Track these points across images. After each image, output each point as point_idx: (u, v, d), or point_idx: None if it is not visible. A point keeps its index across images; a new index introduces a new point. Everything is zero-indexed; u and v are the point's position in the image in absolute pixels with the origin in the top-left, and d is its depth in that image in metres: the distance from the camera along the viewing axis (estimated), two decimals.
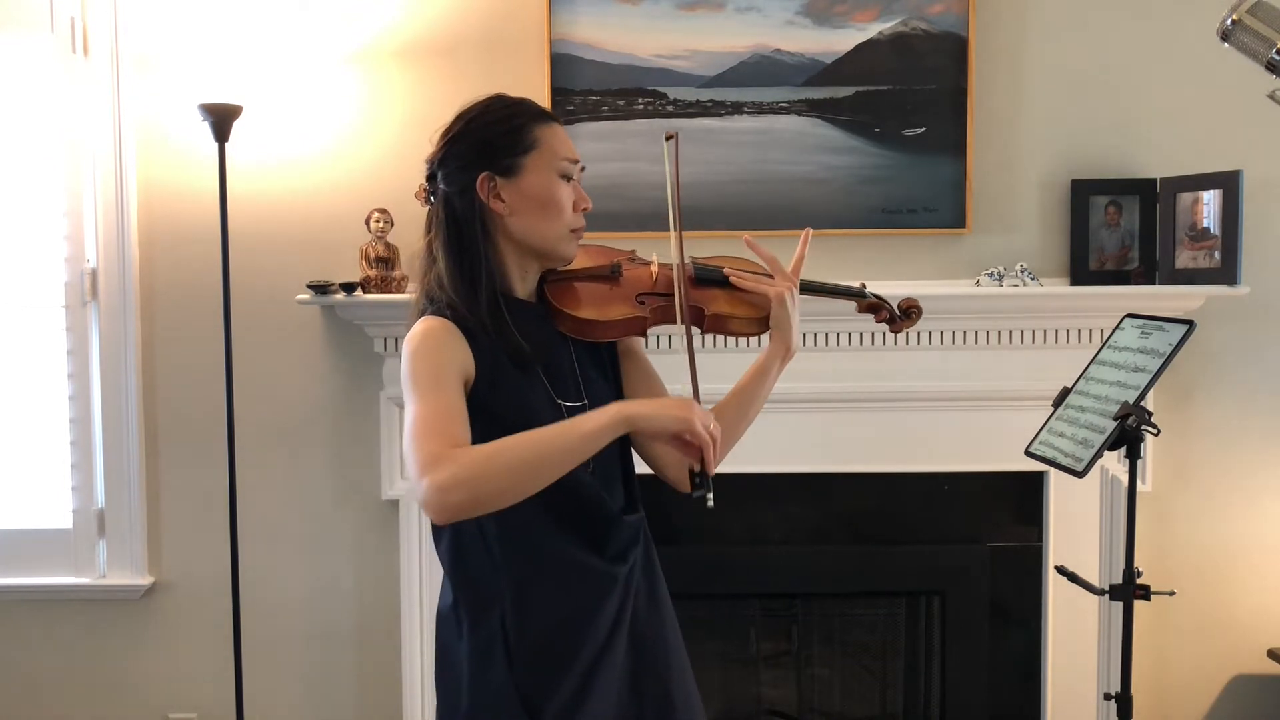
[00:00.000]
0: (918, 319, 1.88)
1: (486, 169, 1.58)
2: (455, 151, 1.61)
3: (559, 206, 1.60)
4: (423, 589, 2.98)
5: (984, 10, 2.92)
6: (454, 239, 1.59)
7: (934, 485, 3.02)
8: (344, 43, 2.96)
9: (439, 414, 1.45)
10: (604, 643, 1.58)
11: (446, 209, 1.60)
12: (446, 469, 1.37)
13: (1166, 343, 2.10)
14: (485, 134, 1.60)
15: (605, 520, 1.61)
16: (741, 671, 3.22)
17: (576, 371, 1.65)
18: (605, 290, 1.68)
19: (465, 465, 1.38)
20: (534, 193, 1.59)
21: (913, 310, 1.88)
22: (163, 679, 3.10)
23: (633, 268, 1.73)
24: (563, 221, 1.61)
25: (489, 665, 1.55)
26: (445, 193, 1.61)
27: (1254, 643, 3.06)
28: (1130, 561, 2.18)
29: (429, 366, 1.50)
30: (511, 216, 1.59)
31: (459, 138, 1.61)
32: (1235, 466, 3.03)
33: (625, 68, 2.93)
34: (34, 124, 3.00)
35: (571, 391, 1.63)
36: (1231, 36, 1.63)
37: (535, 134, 1.60)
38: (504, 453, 1.41)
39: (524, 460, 1.41)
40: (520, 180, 1.59)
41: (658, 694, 1.64)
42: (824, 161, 2.96)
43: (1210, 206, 2.84)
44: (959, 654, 3.08)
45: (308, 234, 3.00)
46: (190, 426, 3.05)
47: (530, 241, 1.61)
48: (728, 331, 1.74)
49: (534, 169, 1.59)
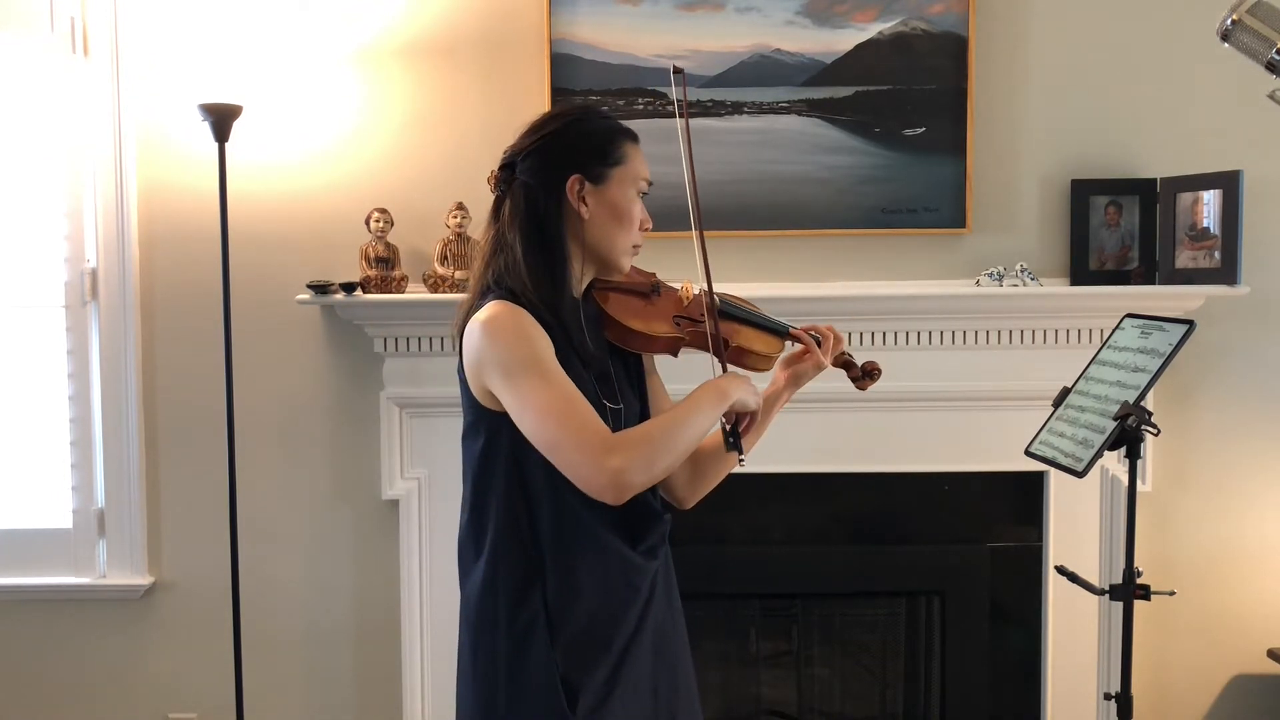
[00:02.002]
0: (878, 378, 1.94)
1: (578, 171, 1.65)
2: (549, 147, 1.66)
3: (632, 220, 1.69)
4: (423, 589, 2.98)
5: (984, 10, 2.92)
6: (535, 232, 1.64)
7: (934, 485, 3.02)
8: (344, 43, 2.96)
9: (571, 398, 1.54)
10: (633, 632, 1.65)
11: (527, 201, 1.65)
12: (621, 454, 1.50)
13: (1166, 343, 2.10)
14: (583, 139, 1.67)
15: (648, 515, 1.68)
16: (741, 671, 3.21)
17: (612, 376, 1.73)
18: (646, 306, 1.77)
19: (638, 449, 1.52)
20: (615, 204, 1.67)
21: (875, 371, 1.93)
22: (163, 679, 3.10)
23: (667, 289, 1.82)
24: (631, 235, 1.70)
25: (530, 644, 1.60)
26: (527, 185, 1.66)
27: (1254, 643, 3.06)
28: (1130, 561, 2.18)
29: (532, 349, 1.56)
30: (590, 222, 1.66)
31: (556, 136, 1.67)
32: (1235, 466, 3.03)
33: (625, 68, 2.93)
34: (34, 124, 3.00)
35: (612, 394, 1.70)
36: (1231, 36, 1.63)
37: (625, 149, 1.69)
38: (662, 434, 1.55)
39: (681, 436, 1.57)
40: (606, 190, 1.66)
41: (670, 685, 1.72)
42: (824, 161, 2.96)
43: (1210, 206, 2.84)
44: (959, 654, 3.08)
45: (308, 234, 3.00)
46: (190, 426, 3.05)
47: (600, 249, 1.68)
48: (745, 364, 1.83)
49: (619, 182, 1.67)
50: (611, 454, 1.49)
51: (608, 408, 1.67)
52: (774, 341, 1.85)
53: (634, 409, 1.75)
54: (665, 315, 1.77)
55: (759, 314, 1.88)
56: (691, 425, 1.57)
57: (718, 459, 1.83)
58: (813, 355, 1.84)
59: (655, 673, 1.69)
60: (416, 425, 2.98)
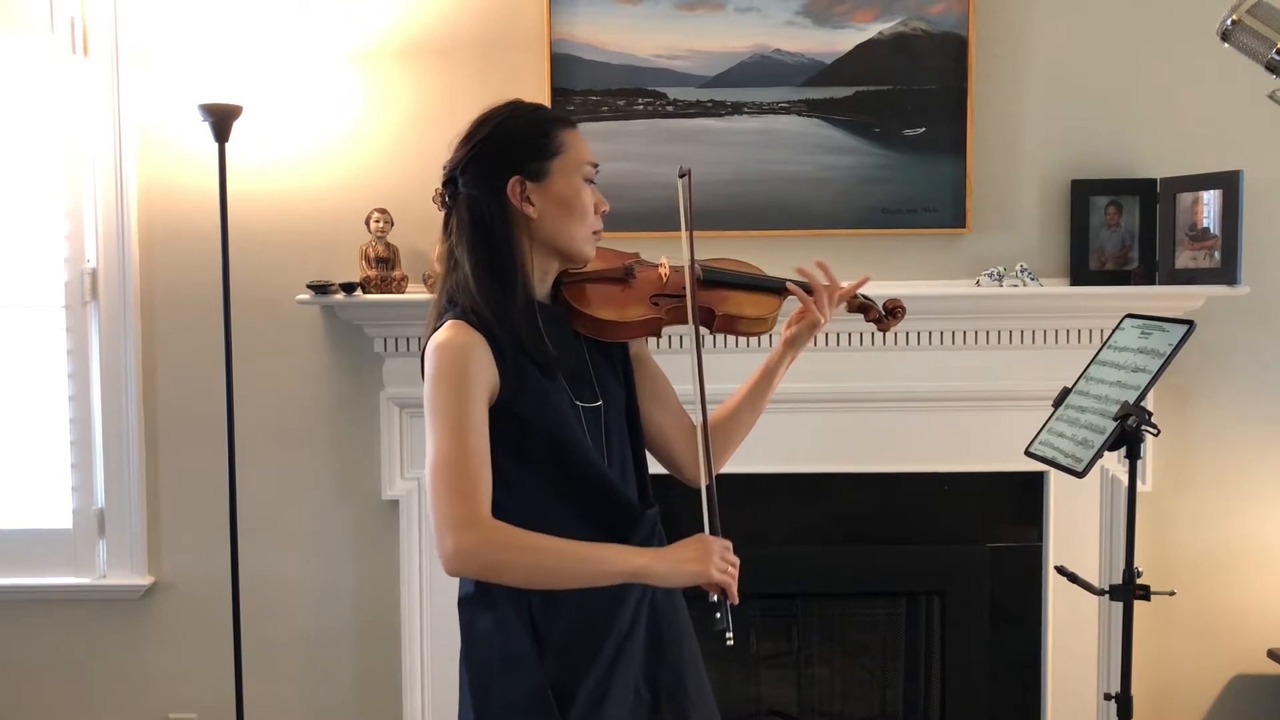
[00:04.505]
0: (902, 317, 1.88)
1: (517, 173, 1.61)
2: (482, 154, 1.62)
3: (584, 209, 1.64)
4: (423, 589, 2.98)
5: (984, 10, 2.92)
6: (482, 243, 1.60)
7: (934, 485, 3.02)
8: (344, 43, 2.96)
9: (465, 460, 1.50)
10: (627, 632, 1.63)
11: (472, 213, 1.61)
12: (471, 539, 1.47)
13: (1167, 343, 2.10)
14: (514, 138, 1.62)
15: (628, 514, 1.65)
16: (741, 671, 3.21)
17: (591, 372, 1.69)
18: (620, 291, 1.71)
19: (490, 546, 1.48)
20: (561, 196, 1.62)
21: (898, 309, 1.87)
22: (163, 679, 3.10)
23: (644, 269, 1.76)
24: (586, 224, 1.65)
25: (519, 653, 1.58)
26: (470, 196, 1.62)
27: (1254, 643, 3.06)
28: (1130, 561, 2.18)
29: (455, 393, 1.53)
30: (540, 220, 1.62)
31: (486, 142, 1.63)
32: (1235, 466, 3.03)
33: (625, 68, 2.93)
34: (34, 124, 3.00)
35: (587, 393, 1.67)
36: (1231, 36, 1.63)
37: (561, 139, 1.64)
38: (528, 552, 1.49)
39: (543, 568, 1.51)
40: (549, 184, 1.62)
41: (671, 684, 1.68)
42: (824, 161, 2.96)
43: (1210, 206, 2.84)
44: (959, 654, 3.08)
45: (308, 234, 3.00)
46: (190, 426, 3.04)
47: (557, 244, 1.64)
48: (737, 331, 1.78)
49: (561, 173, 1.62)
50: (464, 532, 1.47)
51: (582, 408, 1.64)
52: (769, 301, 1.79)
53: (619, 402, 1.72)
54: (641, 297, 1.72)
55: (751, 274, 1.81)
56: (571, 570, 1.51)
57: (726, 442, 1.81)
58: (809, 313, 1.77)
59: (653, 670, 1.66)
60: (416, 425, 2.98)
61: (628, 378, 1.76)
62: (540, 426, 1.58)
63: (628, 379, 1.76)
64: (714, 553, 1.55)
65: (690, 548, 1.55)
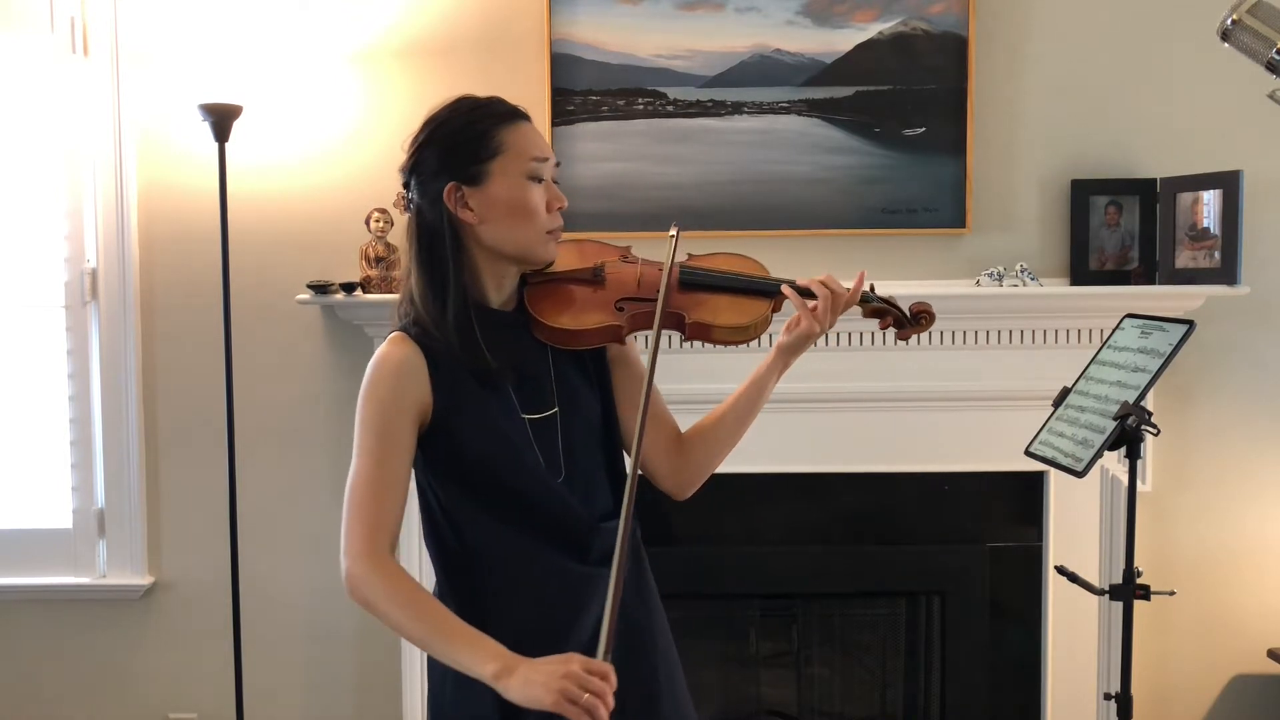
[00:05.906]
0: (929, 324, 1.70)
1: (453, 178, 1.54)
2: (421, 160, 1.57)
3: (530, 211, 1.54)
4: None
5: (984, 10, 2.92)
6: (425, 251, 1.55)
7: (934, 485, 3.02)
8: (344, 43, 2.96)
9: (377, 487, 1.51)
10: (587, 644, 1.50)
11: (418, 222, 1.57)
12: (359, 570, 1.50)
13: (1166, 343, 2.10)
14: (448, 142, 1.56)
15: (581, 528, 1.58)
16: (741, 671, 3.21)
17: (552, 379, 1.60)
18: (586, 295, 1.60)
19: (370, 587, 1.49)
20: (502, 199, 1.53)
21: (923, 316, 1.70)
22: (163, 679, 3.10)
23: (617, 269, 1.64)
24: (536, 225, 1.55)
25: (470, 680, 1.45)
26: (416, 205, 1.57)
27: (1254, 643, 3.06)
28: (1130, 561, 2.18)
29: (379, 417, 1.52)
30: (482, 225, 1.54)
31: (425, 146, 1.57)
32: (1235, 466, 3.03)
33: (625, 68, 2.93)
34: (34, 124, 3.00)
35: (539, 402, 1.58)
36: (1231, 36, 1.63)
37: (499, 138, 1.55)
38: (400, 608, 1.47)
39: (406, 633, 1.51)
40: (487, 187, 1.53)
41: (642, 695, 1.59)
42: (824, 161, 2.96)
43: (1210, 206, 2.84)
44: (959, 654, 3.08)
45: (308, 234, 3.00)
46: (190, 426, 3.05)
47: (504, 249, 1.56)
48: (710, 339, 1.62)
49: (500, 174, 1.54)
50: (354, 562, 1.49)
51: (529, 420, 1.56)
52: (755, 306, 1.62)
53: (588, 411, 1.62)
54: (605, 302, 1.59)
55: (740, 275, 1.65)
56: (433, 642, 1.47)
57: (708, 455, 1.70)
58: (805, 322, 1.60)
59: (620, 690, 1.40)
60: None
61: (603, 383, 1.66)
62: (474, 446, 1.52)
63: (603, 384, 1.66)
64: (570, 676, 1.34)
65: (541, 670, 1.36)
